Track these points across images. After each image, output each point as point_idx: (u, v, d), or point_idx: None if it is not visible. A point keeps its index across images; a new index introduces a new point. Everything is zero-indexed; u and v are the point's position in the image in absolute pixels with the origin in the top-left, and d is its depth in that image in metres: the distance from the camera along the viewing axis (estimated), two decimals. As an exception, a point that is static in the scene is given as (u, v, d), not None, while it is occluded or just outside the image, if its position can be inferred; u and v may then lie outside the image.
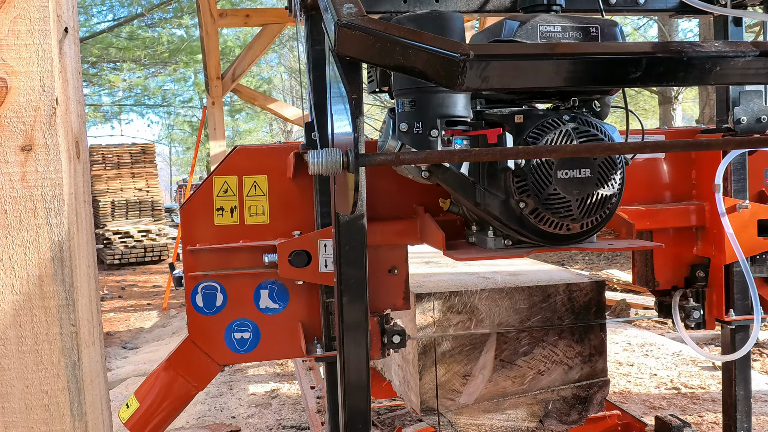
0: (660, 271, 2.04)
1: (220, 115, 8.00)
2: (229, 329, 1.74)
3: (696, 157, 2.04)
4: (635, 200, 2.01)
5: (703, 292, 2.04)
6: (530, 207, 1.46)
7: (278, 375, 4.33)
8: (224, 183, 1.72)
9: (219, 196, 1.72)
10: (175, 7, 16.79)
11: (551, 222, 1.47)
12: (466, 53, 1.11)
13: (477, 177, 1.51)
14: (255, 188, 1.74)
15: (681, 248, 2.05)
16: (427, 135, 1.47)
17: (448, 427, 1.83)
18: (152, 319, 7.13)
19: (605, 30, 1.52)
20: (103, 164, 11.86)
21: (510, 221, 1.49)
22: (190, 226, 1.72)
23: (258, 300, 1.74)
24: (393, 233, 1.72)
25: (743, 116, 1.94)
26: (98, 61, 18.89)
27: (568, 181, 1.44)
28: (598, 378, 1.91)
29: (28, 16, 0.95)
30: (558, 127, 1.45)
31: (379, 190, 1.72)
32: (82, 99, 1.07)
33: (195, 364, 1.74)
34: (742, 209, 1.96)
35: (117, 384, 4.44)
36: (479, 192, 1.51)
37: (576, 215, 1.47)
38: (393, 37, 1.16)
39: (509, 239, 1.55)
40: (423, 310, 1.79)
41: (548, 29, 1.48)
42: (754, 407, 3.35)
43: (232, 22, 8.55)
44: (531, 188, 1.44)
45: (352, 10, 1.24)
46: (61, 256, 0.98)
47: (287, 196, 1.74)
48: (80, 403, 0.99)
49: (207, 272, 1.71)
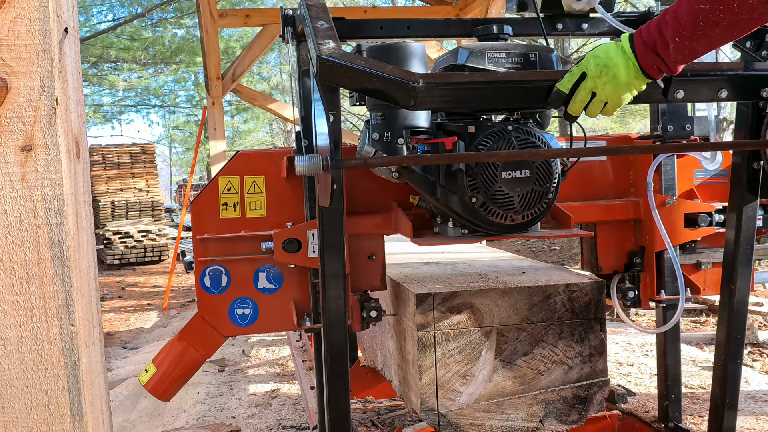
0: (603, 258, 2.34)
1: (220, 115, 8.00)
2: (232, 306, 2.02)
3: (633, 159, 2.33)
4: (583, 197, 2.30)
5: (639, 275, 2.33)
6: (480, 201, 1.73)
7: (278, 375, 4.33)
8: (228, 182, 2.01)
9: (223, 193, 2.01)
10: (176, 7, 16.79)
11: (498, 214, 1.75)
12: (416, 81, 1.47)
13: (437, 177, 1.79)
14: (254, 187, 2.03)
15: (621, 238, 2.34)
16: (395, 143, 1.78)
17: (448, 427, 1.83)
18: (152, 319, 7.13)
19: (542, 56, 1.77)
20: (103, 164, 11.86)
21: (465, 214, 1.76)
22: (199, 219, 2.00)
23: (257, 281, 2.02)
24: (371, 225, 2.02)
25: (670, 125, 2.21)
26: (98, 61, 18.89)
27: (510, 180, 1.72)
28: (598, 378, 1.91)
29: (28, 16, 0.95)
30: (503, 136, 1.72)
31: (360, 188, 2.04)
32: (82, 99, 1.07)
33: (204, 336, 2.05)
34: (670, 204, 2.25)
35: (117, 384, 4.44)
36: (439, 189, 1.79)
37: (518, 208, 1.74)
38: (361, 68, 1.50)
39: (465, 229, 1.83)
40: (423, 310, 1.79)
41: (495, 56, 1.75)
42: (753, 407, 3.36)
43: (232, 22, 8.55)
44: (480, 186, 1.71)
45: (330, 45, 1.59)
46: (61, 256, 0.98)
47: (281, 193, 2.03)
48: (80, 403, 0.99)
49: (214, 258, 1.99)
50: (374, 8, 9.26)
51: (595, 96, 1.46)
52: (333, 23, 1.73)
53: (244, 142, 29.94)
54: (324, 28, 1.69)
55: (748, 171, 1.93)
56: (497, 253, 2.70)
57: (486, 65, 1.73)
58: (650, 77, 1.43)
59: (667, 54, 1.36)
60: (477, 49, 1.74)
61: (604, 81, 1.43)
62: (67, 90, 1.00)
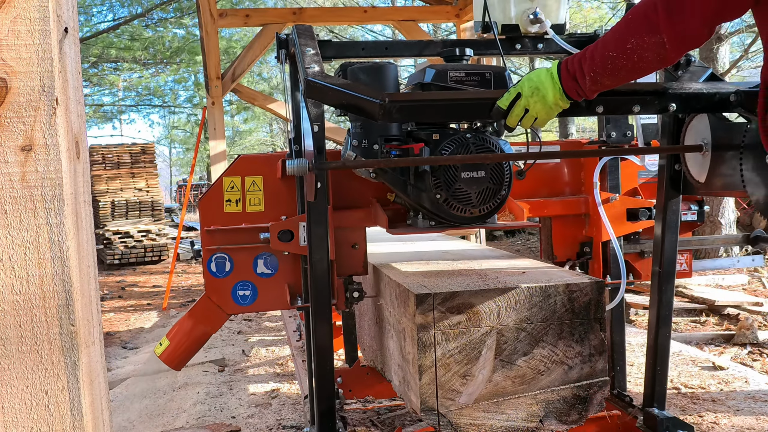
0: (557, 248, 2.69)
1: (220, 115, 8.00)
2: (234, 288, 2.31)
3: (584, 161, 2.65)
4: (541, 194, 2.64)
5: (588, 262, 2.68)
6: (444, 198, 2.01)
7: (278, 375, 4.33)
8: (231, 181, 2.30)
9: (227, 191, 2.29)
10: (176, 6, 16.78)
11: (459, 208, 2.03)
12: (384, 99, 1.72)
13: (408, 177, 2.07)
14: (253, 185, 2.32)
15: (573, 230, 2.69)
16: (371, 148, 2.08)
17: (448, 427, 1.83)
18: (152, 319, 7.13)
19: (496, 74, 2.09)
20: (103, 164, 11.85)
21: (431, 208, 2.04)
22: (206, 213, 2.29)
23: (256, 267, 2.32)
24: (355, 219, 2.31)
25: (613, 132, 2.53)
26: (98, 61, 18.88)
27: (469, 179, 2.01)
28: (598, 378, 1.91)
29: (28, 16, 0.95)
30: (462, 143, 2.01)
31: (345, 187, 2.32)
32: (82, 99, 1.07)
33: (210, 314, 2.36)
34: (613, 200, 2.60)
35: (117, 384, 4.44)
36: (410, 188, 2.08)
37: (475, 203, 2.04)
38: (339, 88, 1.79)
39: (433, 221, 2.12)
40: (423, 310, 1.80)
41: (456, 75, 2.07)
42: (753, 407, 3.35)
43: (232, 22, 8.55)
44: (443, 185, 2.00)
45: (315, 69, 1.91)
46: (61, 256, 0.98)
47: (277, 191, 2.32)
48: (80, 403, 0.99)
49: (219, 246, 2.28)
50: (374, 8, 9.24)
51: (528, 112, 1.72)
52: (318, 49, 2.07)
53: (245, 142, 29.92)
54: (311, 54, 2.01)
55: (671, 171, 2.19)
56: (497, 253, 2.70)
57: (448, 83, 2.05)
58: (571, 99, 1.70)
59: (584, 84, 1.65)
60: (441, 69, 2.06)
61: (535, 100, 1.70)
62: (67, 90, 1.00)
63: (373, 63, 2.19)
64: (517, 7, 2.32)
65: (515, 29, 2.35)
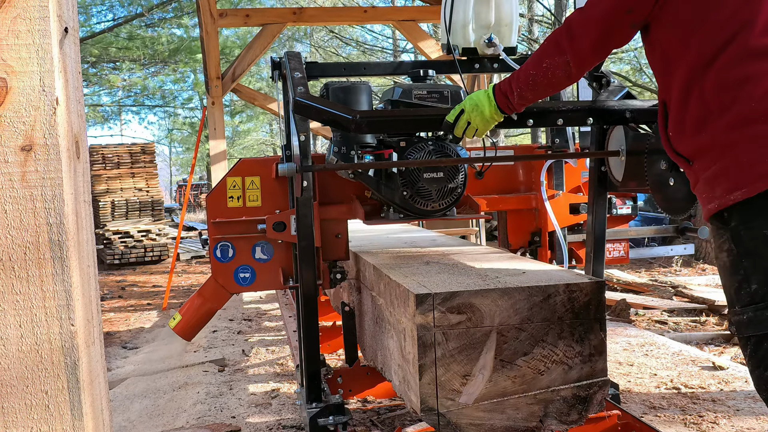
0: (512, 237, 3.20)
1: (220, 115, 8.00)
2: (236, 271, 2.70)
3: (535, 163, 3.16)
4: (499, 191, 3.16)
5: (537, 250, 3.15)
6: (409, 194, 2.41)
7: (278, 375, 4.33)
8: (233, 181, 2.67)
9: (230, 189, 2.67)
10: (175, 6, 16.78)
11: (422, 203, 2.44)
12: (355, 116, 2.15)
13: (380, 177, 2.49)
14: (252, 184, 2.69)
15: (525, 222, 3.20)
16: (349, 154, 2.46)
17: (448, 427, 1.83)
18: (152, 319, 7.13)
19: (452, 92, 2.49)
20: (103, 164, 11.84)
21: (400, 203, 2.46)
22: (212, 208, 2.68)
23: (254, 253, 2.70)
24: (338, 212, 2.70)
25: (557, 139, 2.96)
26: (98, 61, 18.87)
27: (430, 179, 2.42)
28: (598, 378, 1.91)
29: (28, 16, 0.95)
30: (424, 149, 2.40)
31: (330, 186, 2.73)
32: (82, 99, 1.07)
33: (216, 293, 2.80)
34: (557, 197, 3.08)
35: (117, 384, 4.44)
36: (382, 186, 2.50)
37: (435, 199, 2.44)
38: (320, 106, 2.23)
39: (401, 214, 2.52)
40: (423, 310, 1.79)
41: (419, 93, 2.46)
42: (753, 407, 3.35)
43: (232, 22, 8.55)
44: (408, 183, 2.41)
45: (302, 90, 2.34)
46: (61, 256, 0.98)
47: (272, 189, 2.69)
48: (80, 403, 0.99)
49: (223, 236, 2.67)
50: (374, 8, 9.24)
51: (470, 124, 2.09)
52: (305, 72, 2.49)
53: (244, 141, 29.93)
54: (298, 78, 2.42)
55: (599, 172, 2.56)
56: (498, 253, 2.70)
57: (413, 100, 2.45)
58: (504, 113, 2.06)
59: (512, 99, 2.01)
60: (407, 88, 2.47)
61: (475, 115, 2.07)
62: (67, 90, 0.99)
63: (351, 83, 2.59)
64: (475, 33, 2.73)
65: (474, 52, 2.76)
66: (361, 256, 2.64)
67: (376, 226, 3.55)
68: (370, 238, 3.39)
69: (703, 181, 1.66)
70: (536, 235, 3.14)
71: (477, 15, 2.71)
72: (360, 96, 2.53)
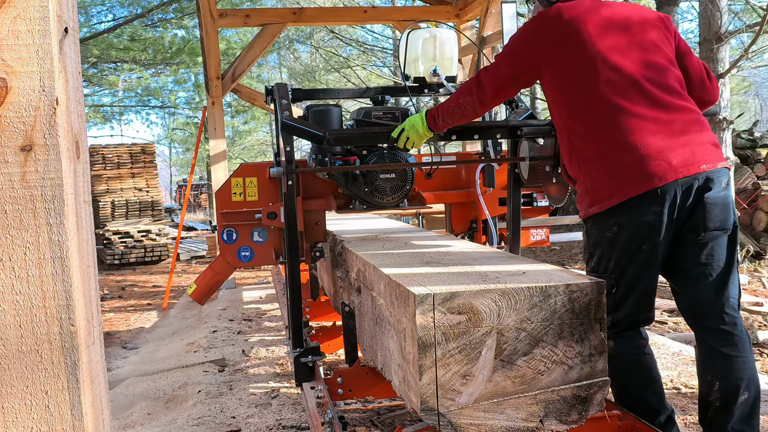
0: (455, 225, 3.98)
1: (220, 115, 7.99)
2: (239, 251, 3.36)
3: (473, 166, 3.87)
4: (445, 187, 3.91)
5: (474, 234, 3.92)
6: (369, 190, 3.24)
7: (278, 375, 4.32)
8: (236, 181, 3.35)
9: (234, 187, 3.35)
10: (176, 7, 16.77)
11: (379, 197, 3.26)
12: (326, 133, 2.90)
13: (348, 178, 3.27)
14: (251, 183, 3.35)
15: (465, 212, 3.97)
16: (324, 160, 3.24)
17: (448, 427, 1.83)
18: (152, 319, 7.13)
19: (402, 112, 3.31)
20: (103, 164, 11.84)
21: (363, 197, 3.28)
22: (220, 201, 3.35)
23: (253, 237, 3.36)
24: (317, 204, 3.38)
25: (488, 148, 3.63)
26: (98, 62, 18.86)
27: (385, 179, 3.26)
28: (598, 378, 1.91)
29: (28, 16, 0.95)
30: (381, 156, 3.18)
31: (312, 184, 3.43)
32: (82, 99, 1.07)
33: (223, 268, 3.79)
34: (489, 192, 3.78)
35: (117, 384, 4.44)
36: (349, 184, 3.28)
37: (389, 194, 3.28)
38: (300, 126, 2.97)
39: (365, 206, 3.36)
40: (423, 310, 1.79)
41: (377, 114, 3.30)
42: (754, 407, 3.34)
43: (232, 22, 8.54)
44: (369, 182, 3.24)
45: (287, 114, 3.03)
46: (61, 256, 0.98)
47: (266, 186, 3.35)
48: (80, 403, 0.99)
49: (228, 223, 3.33)
50: (374, 8, 9.24)
51: (408, 139, 2.79)
52: (290, 98, 3.26)
53: (244, 142, 29.91)
54: (284, 104, 3.11)
55: (513, 173, 3.33)
56: (498, 254, 2.70)
57: (372, 119, 3.26)
58: (433, 131, 2.75)
59: (438, 121, 2.71)
60: (367, 110, 3.30)
61: (412, 132, 2.77)
62: (67, 90, 0.99)
63: (326, 106, 3.42)
64: (424, 66, 3.47)
65: (423, 80, 3.51)
66: (361, 256, 2.65)
67: (377, 226, 4.04)
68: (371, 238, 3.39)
69: (578, 197, 2.43)
70: (474, 222, 3.92)
71: (425, 51, 3.45)
72: (332, 116, 3.36)
